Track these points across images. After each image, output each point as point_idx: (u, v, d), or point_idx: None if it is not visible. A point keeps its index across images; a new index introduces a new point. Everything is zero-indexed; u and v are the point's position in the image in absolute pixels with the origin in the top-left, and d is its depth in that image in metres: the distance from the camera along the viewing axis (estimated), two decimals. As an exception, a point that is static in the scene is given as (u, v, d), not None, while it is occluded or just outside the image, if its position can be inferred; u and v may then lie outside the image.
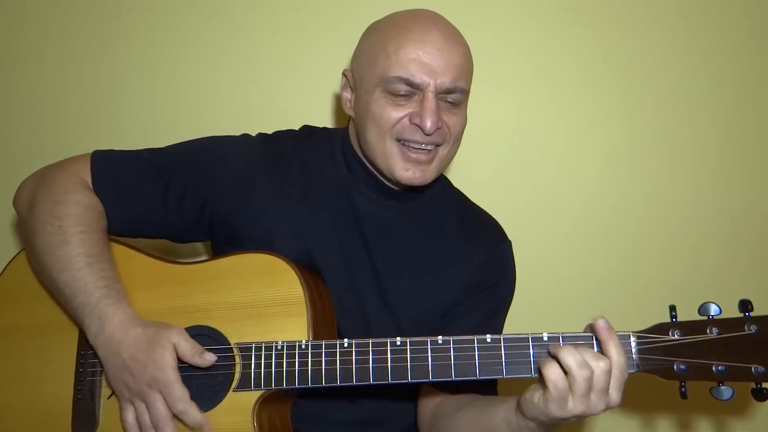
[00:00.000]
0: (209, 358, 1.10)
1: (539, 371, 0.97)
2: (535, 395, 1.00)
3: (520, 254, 1.35)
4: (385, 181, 1.28)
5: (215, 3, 1.74)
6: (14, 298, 1.26)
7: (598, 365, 0.94)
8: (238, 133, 1.33)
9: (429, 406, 1.30)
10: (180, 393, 1.07)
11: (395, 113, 1.18)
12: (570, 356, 0.94)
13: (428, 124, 1.15)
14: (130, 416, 1.11)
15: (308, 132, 1.37)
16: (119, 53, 1.76)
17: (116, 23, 1.76)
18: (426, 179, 1.22)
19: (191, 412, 1.07)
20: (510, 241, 1.35)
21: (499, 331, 1.33)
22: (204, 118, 1.74)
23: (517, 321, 1.34)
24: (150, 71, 1.76)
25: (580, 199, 1.72)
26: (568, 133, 1.72)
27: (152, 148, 1.29)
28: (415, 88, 1.17)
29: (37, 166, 1.28)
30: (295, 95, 1.73)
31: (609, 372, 0.94)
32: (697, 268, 1.70)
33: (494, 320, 1.32)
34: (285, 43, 1.73)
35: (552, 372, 0.95)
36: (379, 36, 1.22)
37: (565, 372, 0.94)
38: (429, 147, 1.20)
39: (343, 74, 1.30)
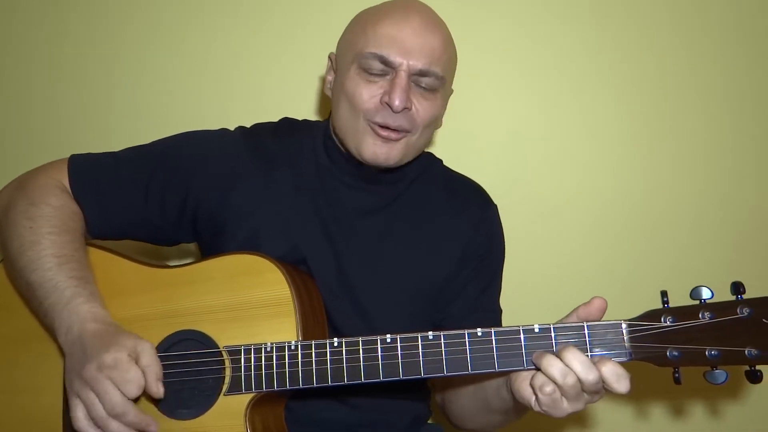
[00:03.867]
0: (160, 389, 1.01)
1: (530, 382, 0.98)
2: (531, 401, 1.00)
3: (528, 257, 1.34)
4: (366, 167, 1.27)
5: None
6: (2, 307, 1.24)
7: (571, 380, 0.93)
8: (223, 127, 1.32)
9: (440, 385, 1.33)
10: (135, 375, 0.98)
11: (368, 91, 1.18)
12: (553, 368, 0.94)
13: (397, 101, 1.15)
14: (79, 412, 1.00)
15: (288, 124, 1.36)
16: (106, 50, 1.75)
17: (103, 20, 1.74)
18: (390, 158, 1.20)
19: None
20: (495, 204, 1.36)
21: (497, 299, 1.33)
22: (191, 113, 1.73)
23: (510, 312, 1.33)
24: (137, 67, 1.75)
25: (582, 198, 1.70)
26: (579, 135, 1.70)
27: (130, 148, 1.28)
28: (388, 66, 1.17)
29: (25, 164, 1.26)
30: (281, 88, 1.72)
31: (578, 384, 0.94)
32: (690, 252, 1.68)
33: (491, 289, 1.32)
34: (270, 36, 1.72)
35: (542, 384, 0.95)
36: (362, 18, 1.24)
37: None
38: (398, 129, 1.19)
39: (329, 57, 1.31)
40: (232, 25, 1.72)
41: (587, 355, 0.96)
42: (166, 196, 1.23)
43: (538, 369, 0.97)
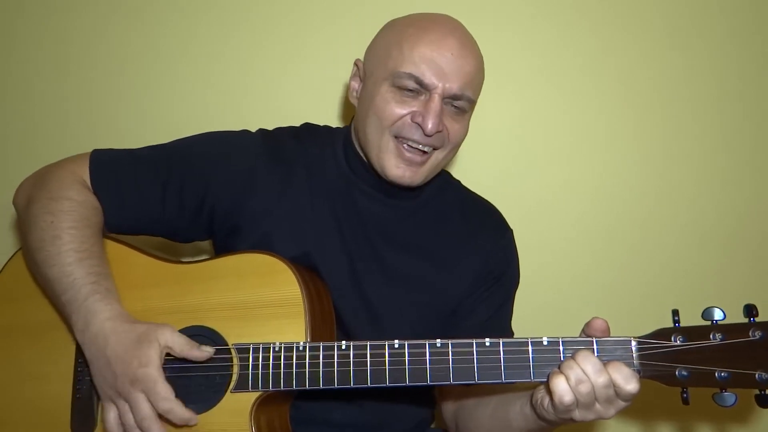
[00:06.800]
0: (207, 350, 1.09)
1: (547, 383, 0.97)
2: (545, 401, 1.00)
3: (523, 257, 1.34)
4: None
5: (212, 0, 1.74)
6: (13, 297, 1.26)
7: (598, 381, 0.93)
8: (243, 129, 1.32)
9: (451, 402, 1.31)
10: (164, 391, 1.04)
11: (399, 109, 1.18)
12: (570, 371, 0.94)
13: (430, 125, 1.15)
14: (111, 416, 1.08)
15: (309, 130, 1.36)
16: (116, 52, 1.76)
17: (113, 21, 1.75)
18: (415, 180, 1.21)
19: (176, 410, 1.05)
20: (512, 230, 1.36)
21: (509, 321, 1.33)
22: (201, 116, 1.73)
23: (519, 323, 1.33)
24: (147, 69, 1.76)
25: (582, 200, 1.70)
26: (573, 135, 1.70)
27: (151, 146, 1.29)
28: (423, 88, 1.17)
29: (35, 165, 1.27)
30: (292, 93, 1.72)
31: (610, 385, 0.94)
32: (703, 270, 1.68)
33: (503, 311, 1.32)
34: (282, 40, 1.72)
35: (557, 386, 0.94)
36: (397, 32, 1.22)
37: None
38: (426, 149, 1.19)
39: (355, 63, 1.30)
40: (243, 26, 1.73)
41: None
42: (185, 195, 1.24)
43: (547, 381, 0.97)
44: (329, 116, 1.73)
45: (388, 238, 1.27)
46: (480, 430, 1.23)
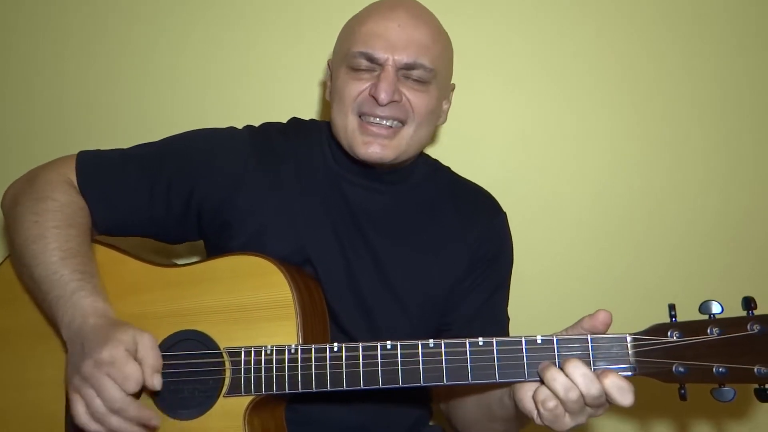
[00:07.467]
0: (156, 382, 1.02)
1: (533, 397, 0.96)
2: (533, 414, 0.98)
3: (525, 257, 1.32)
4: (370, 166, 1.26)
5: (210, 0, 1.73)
6: (8, 301, 1.25)
7: (568, 396, 0.92)
8: (230, 125, 1.32)
9: (443, 393, 1.32)
10: (133, 371, 0.98)
11: (356, 86, 1.19)
12: (556, 382, 0.92)
13: (382, 93, 1.15)
14: (79, 407, 1.00)
15: (296, 124, 1.36)
16: (112, 51, 1.75)
17: (109, 20, 1.74)
18: (386, 155, 1.19)
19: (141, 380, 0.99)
20: (505, 213, 1.35)
21: (505, 307, 1.32)
22: (196, 114, 1.72)
23: (520, 324, 1.32)
24: (142, 68, 1.75)
25: (584, 201, 1.68)
26: (574, 136, 1.68)
27: (138, 145, 1.28)
28: (375, 63, 1.18)
29: (34, 165, 1.27)
30: (287, 90, 1.71)
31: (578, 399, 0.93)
32: (706, 270, 1.66)
33: (498, 296, 1.31)
34: (277, 38, 1.71)
35: (544, 399, 0.94)
36: (350, 21, 1.26)
37: None
38: (389, 123, 1.19)
39: (327, 64, 1.32)
40: (238, 25, 1.72)
41: (591, 368, 0.93)
42: (172, 193, 1.23)
43: (541, 381, 0.95)
44: (326, 115, 1.71)
45: (379, 227, 1.26)
46: (467, 417, 1.24)
